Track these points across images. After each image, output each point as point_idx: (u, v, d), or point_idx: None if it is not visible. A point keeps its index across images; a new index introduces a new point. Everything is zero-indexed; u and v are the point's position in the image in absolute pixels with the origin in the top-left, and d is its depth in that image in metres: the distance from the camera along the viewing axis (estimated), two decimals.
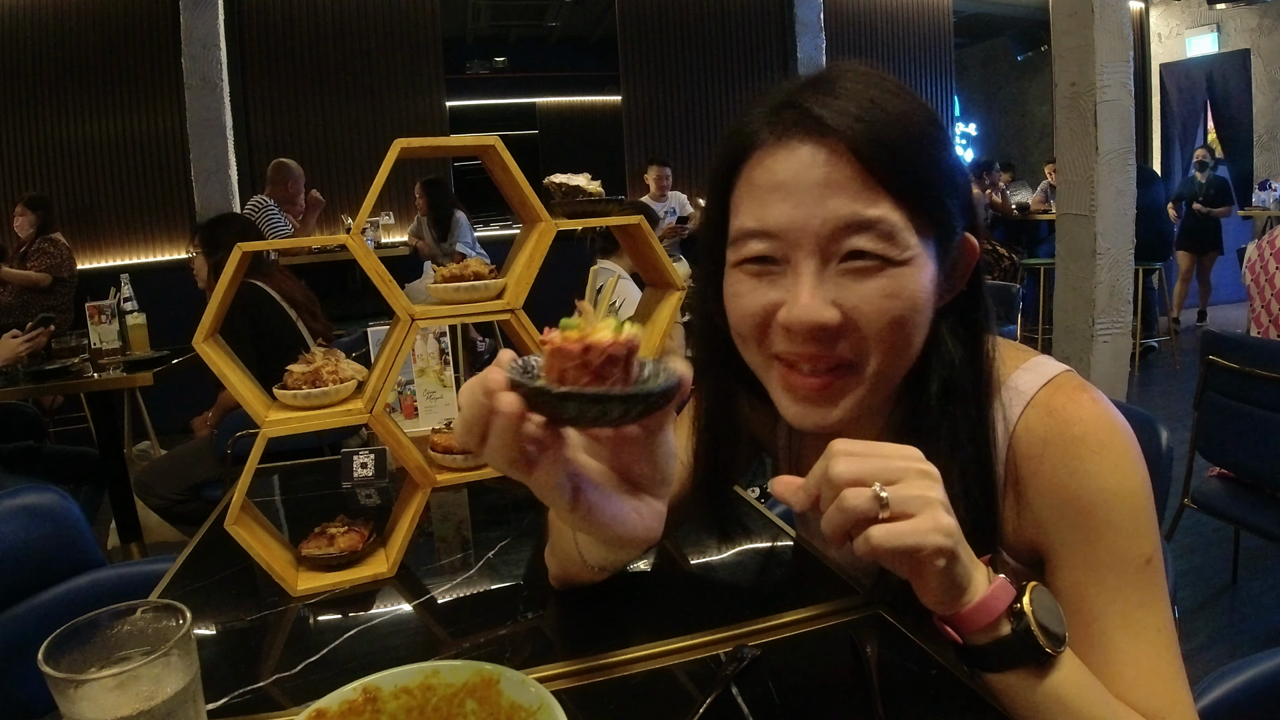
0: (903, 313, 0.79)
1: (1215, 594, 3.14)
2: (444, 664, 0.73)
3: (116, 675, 0.62)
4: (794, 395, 0.84)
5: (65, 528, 1.46)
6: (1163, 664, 0.81)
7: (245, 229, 3.52)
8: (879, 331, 0.79)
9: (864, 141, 0.76)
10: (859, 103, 0.78)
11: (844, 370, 0.81)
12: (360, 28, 6.99)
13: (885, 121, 0.77)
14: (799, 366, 0.82)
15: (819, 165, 0.77)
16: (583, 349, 0.61)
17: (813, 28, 7.80)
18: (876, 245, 0.77)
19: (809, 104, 0.79)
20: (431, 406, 1.86)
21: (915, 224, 0.78)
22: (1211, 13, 8.92)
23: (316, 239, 1.44)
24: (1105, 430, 0.83)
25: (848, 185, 0.77)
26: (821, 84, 0.81)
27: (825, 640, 0.96)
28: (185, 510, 3.07)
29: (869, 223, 0.77)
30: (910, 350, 0.82)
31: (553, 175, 1.34)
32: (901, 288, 0.78)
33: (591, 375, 0.62)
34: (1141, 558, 0.81)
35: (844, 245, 0.78)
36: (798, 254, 0.79)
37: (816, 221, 0.77)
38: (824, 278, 0.79)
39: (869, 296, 0.78)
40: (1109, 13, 3.83)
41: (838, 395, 0.82)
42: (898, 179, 0.77)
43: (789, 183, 0.79)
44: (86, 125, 6.32)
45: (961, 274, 0.87)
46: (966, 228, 0.85)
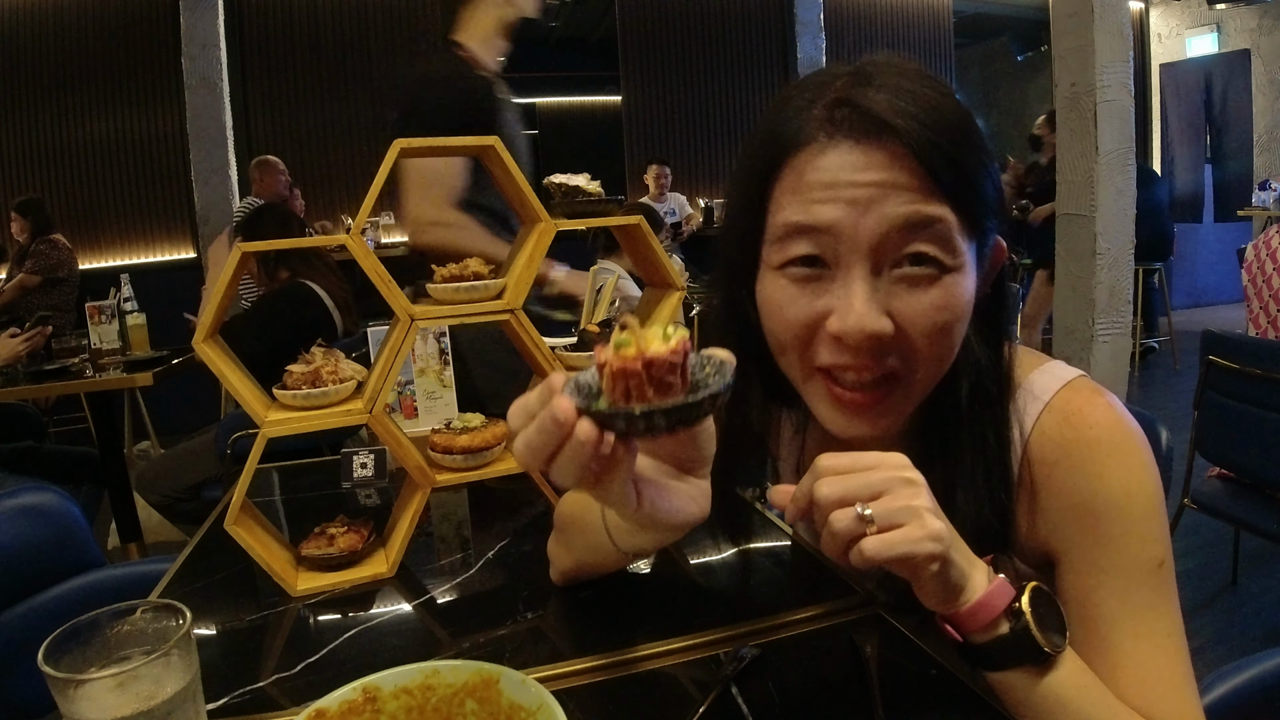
0: (951, 322, 0.78)
1: (1215, 594, 3.14)
2: (444, 664, 0.73)
3: (116, 675, 0.62)
4: (839, 407, 0.82)
5: (65, 528, 1.46)
6: (1172, 668, 0.81)
7: (284, 217, 3.53)
8: (929, 343, 0.78)
9: (926, 144, 0.74)
10: (915, 101, 0.75)
11: (891, 383, 0.80)
12: (360, 28, 6.98)
13: (941, 123, 0.75)
14: (843, 379, 0.80)
15: (878, 166, 0.75)
16: (645, 365, 0.61)
17: (813, 28, 7.80)
18: (934, 248, 0.75)
19: (864, 102, 0.76)
20: (431, 406, 1.86)
21: (964, 229, 0.77)
22: (1211, 13, 8.92)
23: (317, 239, 1.44)
24: (1120, 434, 0.83)
25: (906, 186, 0.74)
26: (869, 79, 0.78)
27: (825, 640, 0.96)
28: (185, 509, 3.07)
29: (928, 220, 0.75)
30: (952, 358, 0.82)
31: (553, 175, 1.34)
32: (954, 297, 0.77)
33: (655, 386, 0.62)
34: (1153, 561, 0.81)
35: (900, 249, 0.75)
36: (851, 257, 0.76)
37: (873, 219, 0.75)
38: (877, 285, 0.76)
39: (923, 307, 0.76)
40: (1109, 13, 3.83)
41: (886, 408, 0.81)
42: (955, 181, 0.75)
43: (844, 181, 0.75)
44: (87, 126, 6.32)
45: (989, 277, 0.85)
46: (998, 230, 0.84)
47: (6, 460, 3.18)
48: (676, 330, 0.63)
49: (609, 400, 0.63)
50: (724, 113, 7.98)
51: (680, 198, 7.13)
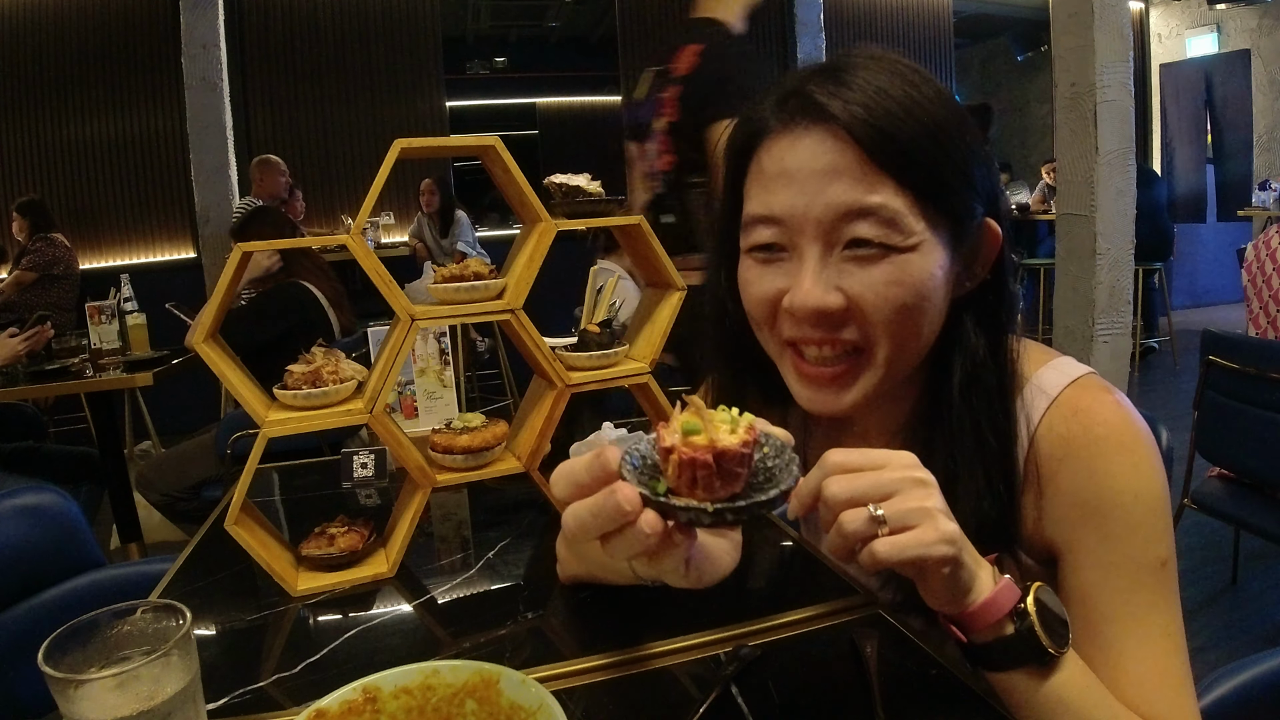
0: (907, 299, 0.79)
1: (1215, 594, 3.15)
2: (444, 664, 0.73)
3: (116, 675, 0.62)
4: (806, 381, 0.86)
5: (65, 528, 1.46)
6: (1170, 667, 0.81)
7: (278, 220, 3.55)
8: (884, 318, 0.79)
9: (865, 128, 0.77)
10: (865, 90, 0.78)
11: (853, 356, 0.83)
12: (360, 28, 6.98)
13: (888, 108, 0.77)
14: (808, 353, 0.84)
15: (822, 153, 0.79)
16: (716, 456, 0.58)
17: (813, 28, 7.80)
18: (877, 232, 0.78)
19: (814, 92, 0.80)
20: (431, 407, 1.86)
21: (922, 210, 0.79)
22: (1211, 13, 8.92)
23: (317, 239, 1.44)
24: (1128, 432, 0.84)
25: (848, 172, 0.78)
26: (830, 71, 0.81)
27: (825, 640, 0.96)
28: (186, 508, 3.07)
29: (868, 209, 0.77)
30: (920, 337, 0.83)
31: (553, 175, 1.34)
32: (906, 274, 0.79)
33: (723, 477, 0.59)
34: (1157, 560, 0.82)
35: (845, 232, 0.79)
36: (801, 240, 0.81)
37: (819, 208, 0.79)
38: (827, 263, 0.80)
39: (872, 283, 0.79)
40: (1109, 13, 3.83)
41: (849, 381, 0.84)
42: (900, 166, 0.77)
43: (793, 170, 0.80)
44: (87, 125, 6.33)
45: (983, 262, 0.86)
46: (987, 214, 0.85)
47: (6, 460, 3.18)
48: (743, 418, 0.61)
49: (670, 483, 0.60)
50: None
51: None
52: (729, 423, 0.60)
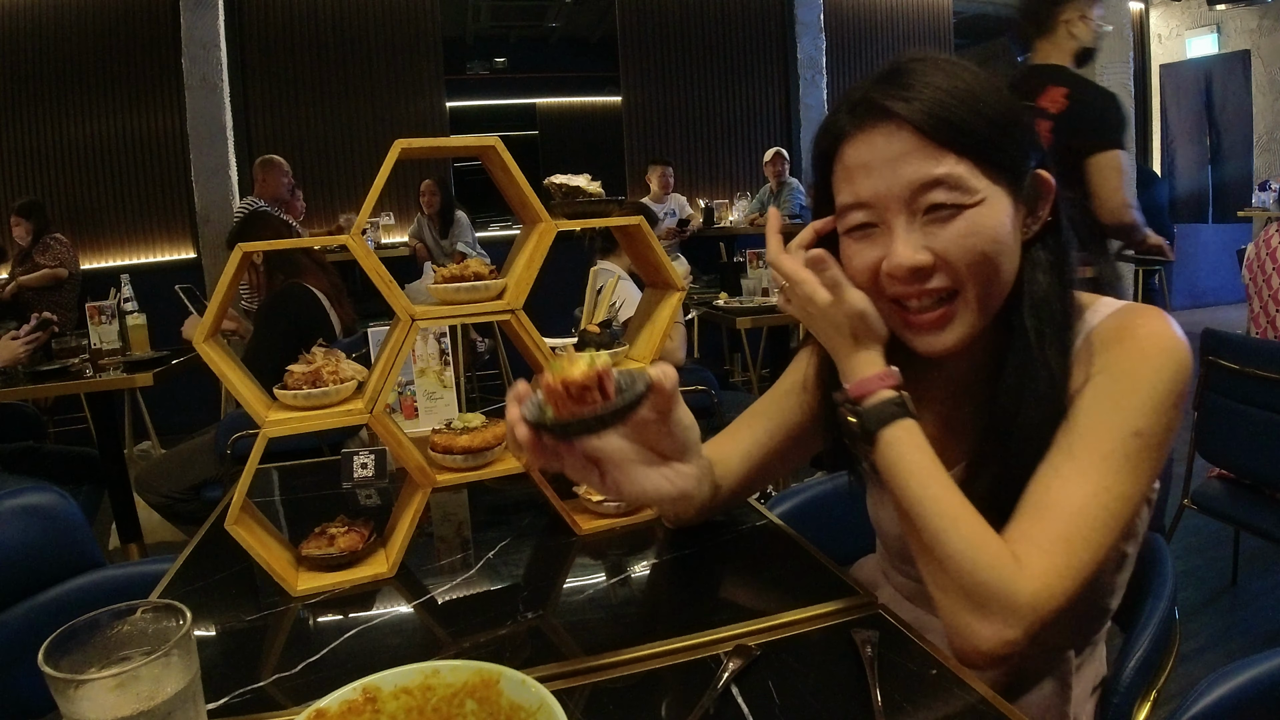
0: (984, 246, 0.94)
1: (1215, 594, 3.14)
2: (444, 664, 0.73)
3: (116, 675, 0.62)
4: (914, 329, 1.00)
5: (65, 528, 1.46)
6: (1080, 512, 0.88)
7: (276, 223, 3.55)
8: (968, 264, 0.94)
9: (921, 117, 0.93)
10: (916, 86, 0.94)
11: (948, 302, 0.97)
12: (360, 28, 6.99)
13: (938, 97, 0.93)
14: (910, 305, 0.99)
15: (892, 143, 0.95)
16: (564, 386, 0.80)
17: (813, 28, 7.81)
18: (949, 196, 0.93)
19: (877, 96, 0.96)
20: (431, 407, 1.86)
21: (982, 170, 0.94)
22: (1211, 14, 8.91)
23: (317, 239, 1.44)
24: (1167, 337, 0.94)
25: (915, 153, 0.94)
26: (888, 76, 0.98)
27: (825, 640, 0.96)
28: (185, 509, 3.07)
29: (938, 179, 0.93)
30: (1001, 276, 0.97)
31: (553, 176, 1.34)
32: (979, 225, 0.93)
33: (576, 401, 0.81)
34: (1130, 430, 0.91)
35: (923, 201, 0.94)
36: (888, 215, 0.96)
37: (898, 187, 0.94)
38: (913, 229, 0.96)
39: (953, 237, 0.94)
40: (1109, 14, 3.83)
41: (949, 321, 0.98)
42: (955, 140, 0.93)
43: (871, 161, 0.97)
44: (87, 126, 6.33)
45: (1043, 206, 1.00)
46: (1037, 165, 0.99)
47: (6, 460, 3.17)
48: (597, 358, 0.82)
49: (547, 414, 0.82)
50: (724, 113, 7.98)
51: (680, 198, 7.12)
52: (585, 361, 0.81)
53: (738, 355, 6.61)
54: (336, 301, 3.35)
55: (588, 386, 0.81)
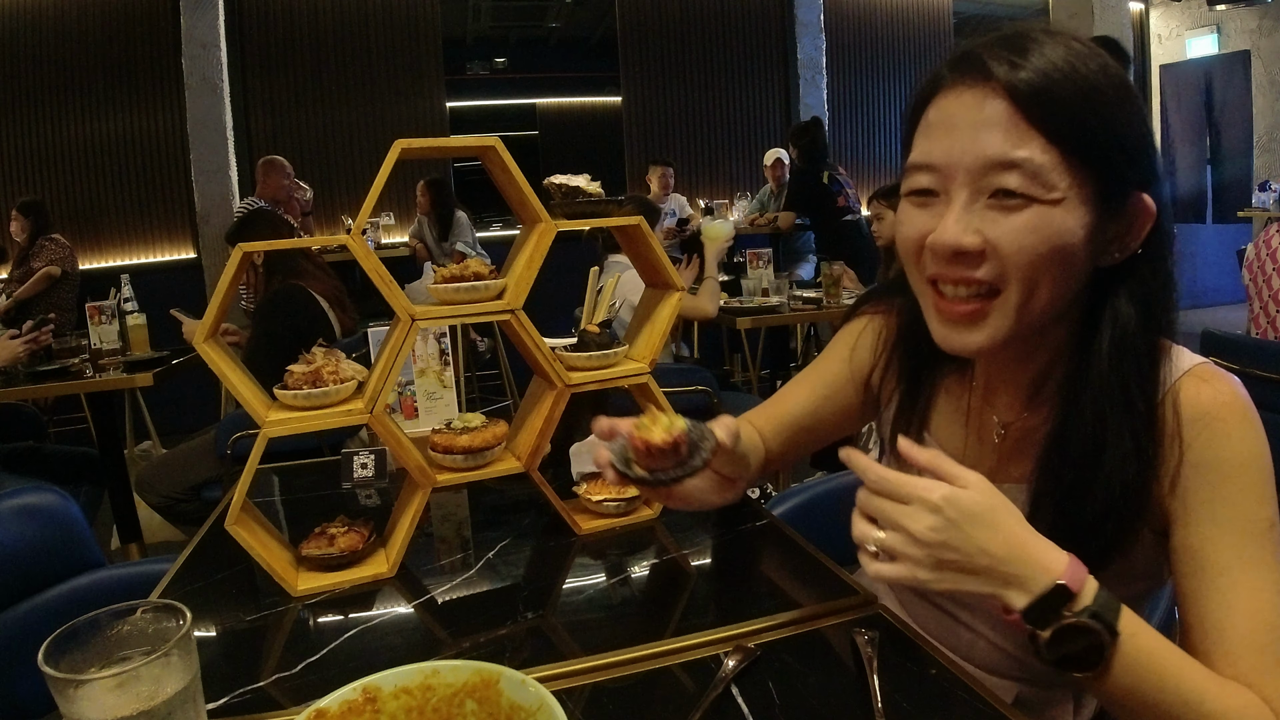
0: (1042, 249, 0.84)
1: None
2: (444, 664, 0.73)
3: (116, 675, 0.62)
4: (942, 317, 0.92)
5: (65, 528, 1.46)
6: (1276, 623, 0.85)
7: (275, 223, 3.54)
8: (1018, 262, 0.85)
9: (1020, 84, 0.83)
10: (1027, 53, 0.85)
11: (986, 297, 0.88)
12: (360, 28, 6.98)
13: (1045, 70, 0.84)
14: (945, 290, 0.90)
15: (977, 106, 0.85)
16: (645, 448, 0.93)
17: (813, 28, 7.80)
18: (1022, 184, 0.83)
19: (981, 52, 0.87)
20: (431, 407, 1.86)
21: (1069, 168, 0.83)
22: (1211, 14, 8.90)
23: (317, 239, 1.44)
24: (1247, 406, 0.91)
25: (1000, 124, 0.84)
26: (1006, 38, 0.88)
27: (825, 640, 0.97)
28: (185, 509, 3.07)
29: (1015, 162, 0.83)
30: (1052, 289, 0.87)
31: (553, 176, 1.35)
32: (1045, 225, 0.83)
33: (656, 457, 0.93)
34: (1266, 522, 0.87)
35: (992, 182, 0.84)
36: (952, 185, 0.87)
37: (969, 157, 0.85)
38: (972, 209, 0.86)
39: (1011, 230, 0.84)
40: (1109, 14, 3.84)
41: (980, 319, 0.89)
42: (1049, 123, 0.83)
43: (950, 120, 0.88)
44: (87, 125, 6.32)
45: (1135, 235, 0.90)
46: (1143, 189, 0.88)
47: (6, 460, 3.17)
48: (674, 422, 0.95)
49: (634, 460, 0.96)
50: (724, 114, 7.98)
51: (680, 198, 7.11)
52: (665, 425, 0.94)
53: (738, 355, 6.60)
54: (337, 304, 3.34)
55: (665, 450, 0.93)
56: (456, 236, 6.09)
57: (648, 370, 1.35)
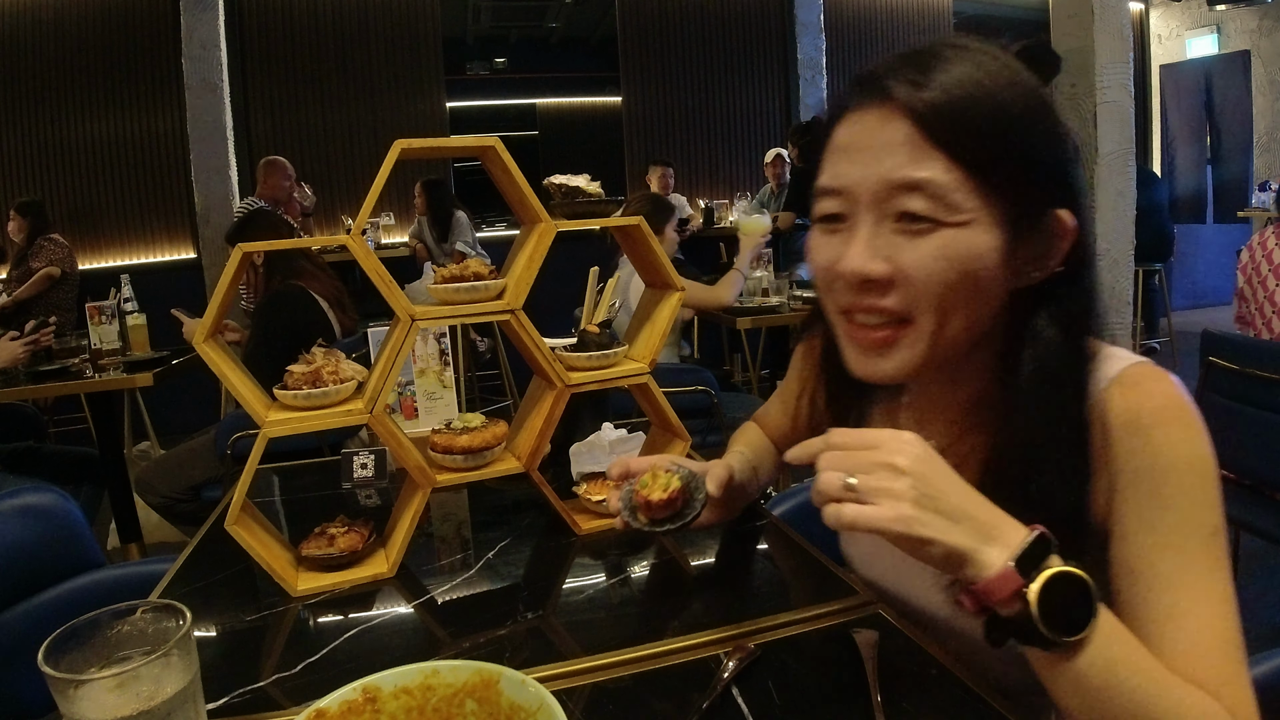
0: (951, 274, 0.82)
1: None
2: (444, 664, 0.73)
3: (116, 675, 0.62)
4: (855, 345, 0.91)
5: (65, 528, 1.46)
6: (1225, 631, 0.82)
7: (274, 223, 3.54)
8: (928, 290, 0.82)
9: (920, 105, 0.81)
10: (930, 72, 0.82)
11: (898, 324, 0.86)
12: (360, 29, 6.98)
13: (949, 87, 0.81)
14: (856, 318, 0.89)
15: (879, 128, 0.83)
16: (645, 503, 1.04)
17: (813, 29, 7.80)
18: (926, 206, 0.81)
19: (881, 73, 0.85)
20: (431, 407, 1.86)
21: (976, 188, 0.81)
22: (1211, 14, 8.91)
23: (317, 239, 1.44)
24: (1181, 407, 0.86)
25: (902, 145, 0.82)
26: (910, 56, 0.86)
27: (825, 640, 0.97)
28: (185, 510, 3.07)
29: (917, 184, 0.81)
30: (967, 315, 0.85)
31: (553, 176, 1.35)
32: (952, 249, 0.81)
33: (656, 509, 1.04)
34: (1209, 528, 0.83)
35: (896, 204, 0.82)
36: (858, 209, 0.85)
37: (872, 180, 0.83)
38: (879, 233, 0.84)
39: (918, 256, 0.82)
40: (1109, 14, 3.83)
41: (892, 347, 0.87)
42: (951, 142, 0.81)
43: (854, 144, 0.86)
44: (87, 126, 6.32)
45: (1055, 254, 0.87)
46: (1060, 204, 0.86)
47: (6, 460, 3.17)
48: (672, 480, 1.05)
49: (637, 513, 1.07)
50: (724, 114, 7.98)
51: (680, 198, 7.12)
52: (663, 484, 1.05)
53: (737, 356, 6.61)
54: (337, 304, 3.34)
55: (663, 505, 1.04)
56: (456, 237, 6.09)
57: (647, 370, 1.35)
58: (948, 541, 0.74)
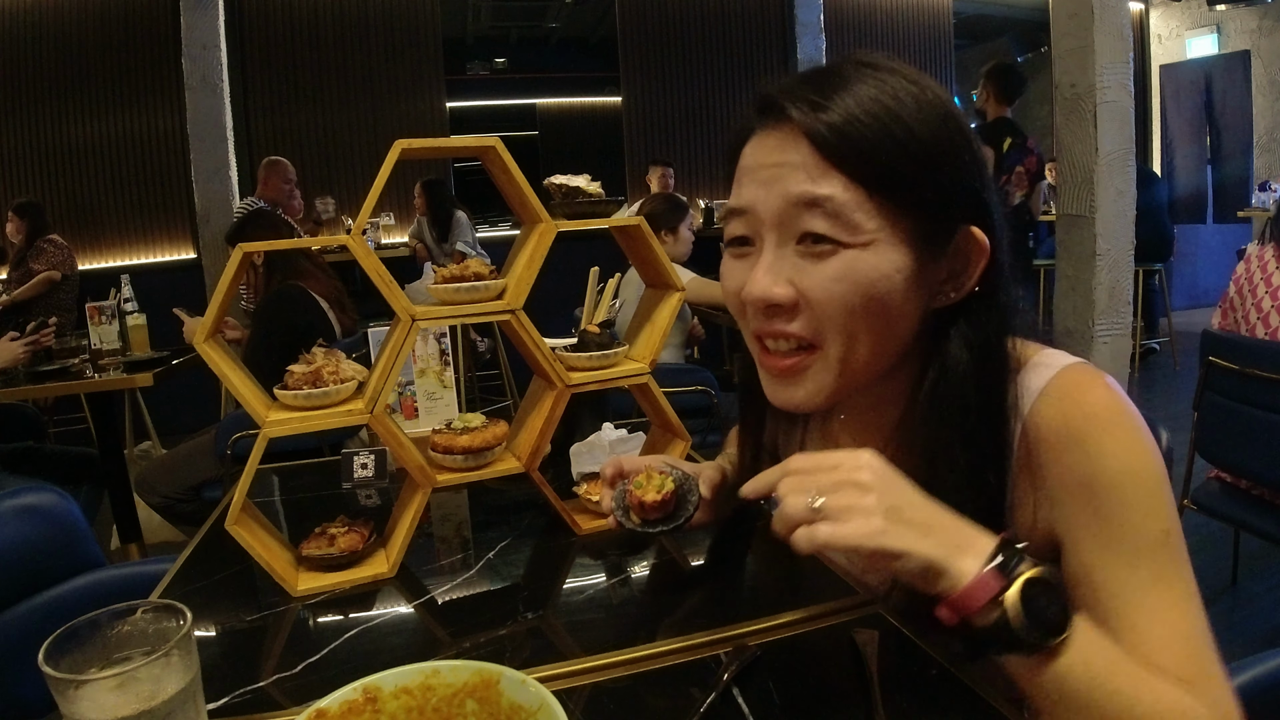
0: (854, 298, 0.81)
1: (1215, 594, 3.14)
2: (444, 664, 0.73)
3: (117, 676, 0.62)
4: (768, 373, 0.91)
5: (65, 528, 1.46)
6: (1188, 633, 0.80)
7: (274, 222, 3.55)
8: (831, 314, 0.83)
9: (816, 125, 0.81)
10: (826, 92, 0.83)
11: (807, 350, 0.86)
12: (360, 28, 6.99)
13: (847, 108, 0.81)
14: (768, 344, 0.89)
15: (779, 148, 0.84)
16: (639, 503, 1.08)
17: (813, 29, 7.80)
18: (827, 226, 0.81)
19: (778, 95, 0.85)
20: (431, 407, 1.86)
21: (877, 208, 0.81)
22: (1211, 14, 8.92)
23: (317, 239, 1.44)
24: (1117, 412, 0.84)
25: (801, 166, 0.82)
26: (809, 77, 0.87)
27: (826, 640, 0.96)
28: (185, 510, 3.07)
29: (816, 200, 0.81)
30: (876, 338, 0.85)
31: (553, 176, 1.35)
32: (855, 272, 0.81)
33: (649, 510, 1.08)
34: (1157, 533, 0.81)
35: (798, 225, 0.83)
36: (762, 230, 0.86)
37: (773, 198, 0.84)
38: (782, 255, 0.84)
39: (821, 279, 0.82)
40: (1109, 14, 3.82)
41: (803, 375, 0.87)
42: (849, 160, 0.80)
43: (756, 166, 0.87)
44: (87, 126, 6.33)
45: (969, 273, 0.86)
46: (972, 222, 0.85)
47: (6, 460, 3.17)
48: (665, 482, 1.09)
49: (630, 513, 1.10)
50: (724, 114, 7.98)
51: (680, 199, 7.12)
52: (657, 485, 1.08)
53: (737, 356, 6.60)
54: (337, 305, 3.35)
55: (657, 505, 1.07)
56: (456, 237, 6.09)
57: (647, 370, 1.35)
58: (920, 552, 0.73)
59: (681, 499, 1.10)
